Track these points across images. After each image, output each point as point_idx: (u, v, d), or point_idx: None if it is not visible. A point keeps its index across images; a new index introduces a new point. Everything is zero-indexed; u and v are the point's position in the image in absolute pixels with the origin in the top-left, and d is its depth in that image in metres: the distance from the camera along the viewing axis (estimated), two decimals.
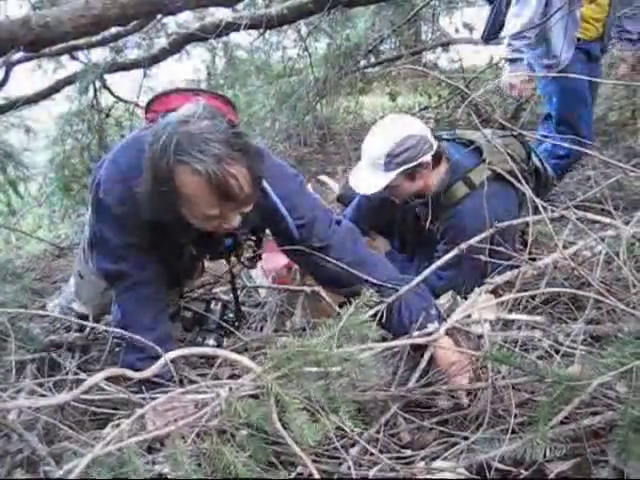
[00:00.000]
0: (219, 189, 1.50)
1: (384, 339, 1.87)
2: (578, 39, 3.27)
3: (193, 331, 2.29)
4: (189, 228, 1.68)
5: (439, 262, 1.92)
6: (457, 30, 6.84)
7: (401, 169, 2.27)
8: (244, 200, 1.58)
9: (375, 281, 1.82)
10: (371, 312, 1.43)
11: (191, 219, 1.62)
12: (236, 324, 2.25)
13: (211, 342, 2.19)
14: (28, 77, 5.07)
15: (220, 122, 1.53)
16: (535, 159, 2.54)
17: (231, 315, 2.24)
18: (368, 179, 2.34)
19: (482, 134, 2.38)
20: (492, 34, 3.57)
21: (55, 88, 5.05)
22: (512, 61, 3.21)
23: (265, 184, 1.75)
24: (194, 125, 1.50)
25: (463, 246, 1.92)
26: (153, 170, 1.53)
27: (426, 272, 1.87)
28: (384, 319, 1.69)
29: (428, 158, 2.28)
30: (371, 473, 1.32)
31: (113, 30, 4.07)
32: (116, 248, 1.83)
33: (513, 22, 3.16)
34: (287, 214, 1.81)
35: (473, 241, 1.92)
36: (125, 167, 1.72)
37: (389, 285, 1.82)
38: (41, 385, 2.03)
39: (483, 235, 1.94)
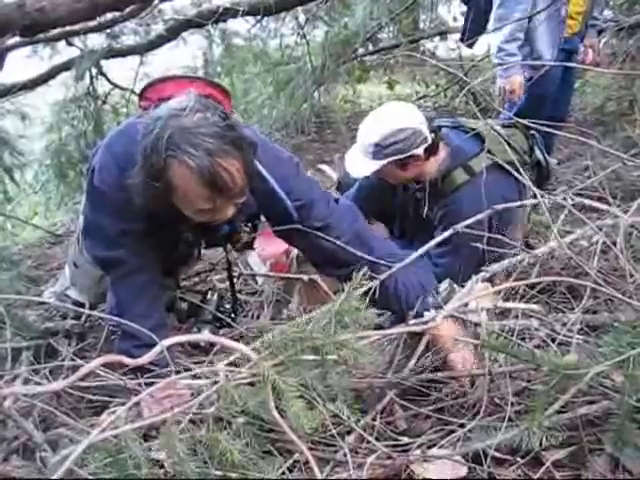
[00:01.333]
0: (211, 183, 1.50)
1: (380, 327, 1.88)
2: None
3: (187, 322, 2.29)
4: (184, 217, 1.67)
5: (433, 242, 1.93)
6: (455, 19, 6.81)
7: (389, 159, 2.28)
8: (237, 193, 1.58)
9: (374, 259, 1.81)
10: (363, 290, 1.42)
11: (184, 211, 1.62)
12: (232, 315, 2.25)
13: (206, 332, 2.17)
14: (23, 63, 5.04)
15: (212, 114, 1.52)
16: (538, 152, 2.53)
17: (227, 306, 2.24)
18: (359, 163, 2.36)
19: (484, 123, 2.38)
20: (473, 34, 3.53)
21: (51, 74, 5.02)
22: (504, 65, 3.20)
23: (262, 169, 1.74)
24: (186, 119, 1.49)
25: (459, 227, 1.93)
26: (145, 164, 1.53)
27: (420, 251, 1.87)
28: (378, 295, 1.67)
29: (420, 151, 2.28)
30: (368, 461, 1.32)
31: (109, 16, 4.04)
32: (111, 235, 1.82)
33: (502, 24, 3.13)
34: (285, 196, 1.80)
35: (469, 222, 1.93)
36: (120, 155, 1.71)
37: (390, 261, 1.81)
38: (37, 372, 2.03)
39: (480, 216, 1.95)
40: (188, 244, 2.01)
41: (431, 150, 2.33)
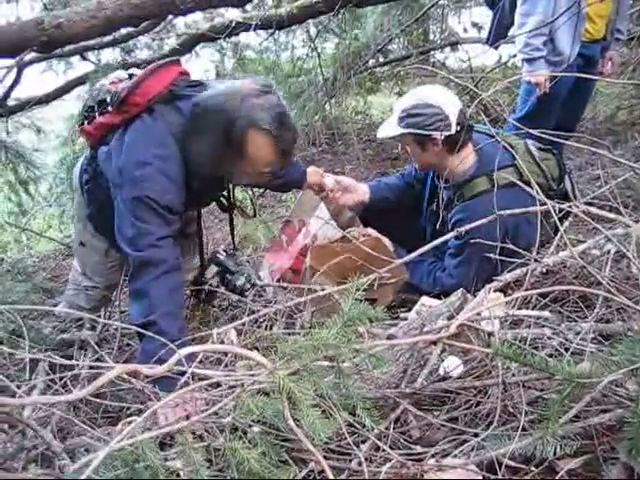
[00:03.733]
0: (283, 150, 1.93)
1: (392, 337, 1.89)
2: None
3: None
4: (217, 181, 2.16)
5: (435, 242, 1.99)
6: (465, 30, 6.84)
7: (408, 130, 2.36)
8: (289, 156, 2.02)
9: None
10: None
11: (242, 173, 2.02)
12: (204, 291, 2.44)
13: (242, 281, 2.36)
14: (39, 78, 5.10)
15: (272, 96, 1.91)
16: (568, 184, 2.53)
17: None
18: (387, 126, 2.46)
19: (523, 142, 2.45)
20: (498, 37, 3.58)
21: (66, 89, 5.08)
22: (532, 60, 3.22)
23: None
24: (260, 98, 1.88)
25: (462, 229, 1.96)
26: (225, 133, 1.87)
27: (414, 254, 2.05)
28: None
29: (438, 136, 2.31)
30: (383, 469, 1.32)
31: (124, 31, 4.10)
32: (153, 237, 1.92)
33: (527, 20, 3.16)
34: None
35: (474, 225, 1.98)
36: (156, 143, 1.95)
37: None
38: (54, 382, 2.06)
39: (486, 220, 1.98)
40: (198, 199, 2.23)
41: (453, 144, 2.35)
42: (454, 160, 2.40)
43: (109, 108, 2.05)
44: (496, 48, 3.86)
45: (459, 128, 2.32)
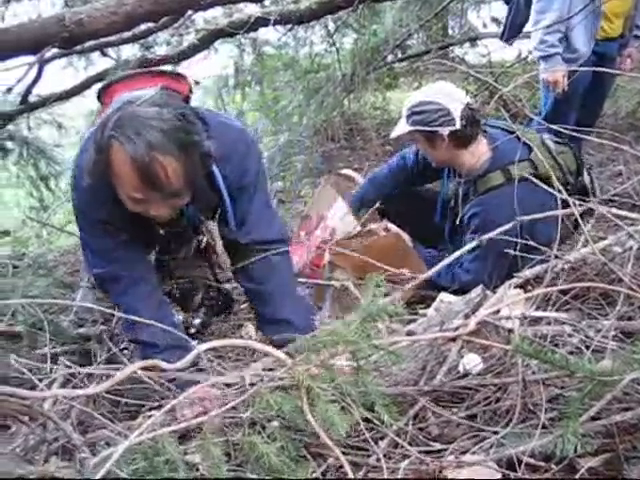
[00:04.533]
0: (143, 175, 1.52)
1: (411, 333, 1.88)
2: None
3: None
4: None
5: (456, 253, 1.97)
6: (485, 25, 6.78)
7: (415, 128, 2.39)
8: (171, 193, 1.60)
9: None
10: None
11: (121, 197, 1.63)
12: (220, 302, 2.37)
13: (196, 321, 2.31)
14: (59, 74, 5.14)
15: (169, 112, 1.54)
16: (586, 178, 2.52)
17: (212, 294, 2.35)
18: (398, 125, 2.50)
19: (539, 136, 2.45)
20: (512, 34, 3.56)
21: (86, 85, 5.11)
22: (548, 57, 3.19)
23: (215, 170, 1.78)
24: (140, 108, 1.53)
25: (484, 238, 1.95)
26: (95, 138, 1.57)
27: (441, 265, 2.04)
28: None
29: (444, 131, 2.34)
30: (402, 466, 1.32)
31: (143, 27, 4.12)
32: (101, 251, 1.87)
33: (543, 17, 3.14)
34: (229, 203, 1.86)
35: (495, 233, 1.96)
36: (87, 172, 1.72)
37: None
38: (74, 376, 2.07)
39: (507, 226, 1.96)
40: (161, 235, 2.01)
41: (460, 139, 2.37)
42: (467, 155, 2.42)
43: None
44: (510, 44, 3.84)
45: (464, 123, 2.34)
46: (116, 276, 1.87)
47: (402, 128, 2.45)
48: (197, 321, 2.28)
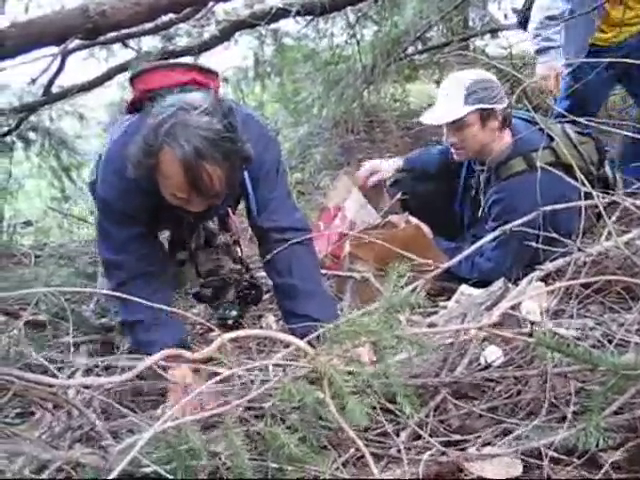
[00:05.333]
0: (191, 180, 1.63)
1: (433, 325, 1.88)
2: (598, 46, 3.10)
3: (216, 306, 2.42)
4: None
5: (478, 243, 1.97)
6: (506, 16, 6.70)
7: (479, 106, 2.35)
8: (212, 197, 1.72)
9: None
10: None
11: (162, 191, 1.73)
12: (252, 293, 2.41)
13: (234, 313, 2.34)
14: (81, 66, 5.17)
15: (219, 121, 1.64)
16: (608, 169, 2.50)
17: (246, 284, 2.40)
18: (445, 110, 2.42)
19: (561, 127, 2.46)
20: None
21: (107, 76, 5.13)
22: (542, 51, 3.06)
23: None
24: (192, 116, 1.61)
25: (508, 227, 1.94)
26: (145, 141, 1.64)
27: (468, 251, 2.03)
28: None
29: (501, 107, 2.36)
30: (424, 457, 1.32)
31: (165, 18, 4.12)
32: (117, 241, 1.92)
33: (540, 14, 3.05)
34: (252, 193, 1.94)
35: (517, 223, 1.95)
36: (118, 165, 1.79)
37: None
38: (96, 365, 2.10)
39: (529, 217, 1.95)
40: (188, 225, 2.15)
41: (506, 118, 2.41)
42: (498, 141, 2.43)
43: None
44: (525, 29, 3.70)
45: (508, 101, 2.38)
46: (123, 265, 1.92)
47: (457, 112, 2.38)
48: (234, 313, 2.33)
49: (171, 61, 2.09)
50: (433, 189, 2.82)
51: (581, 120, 2.24)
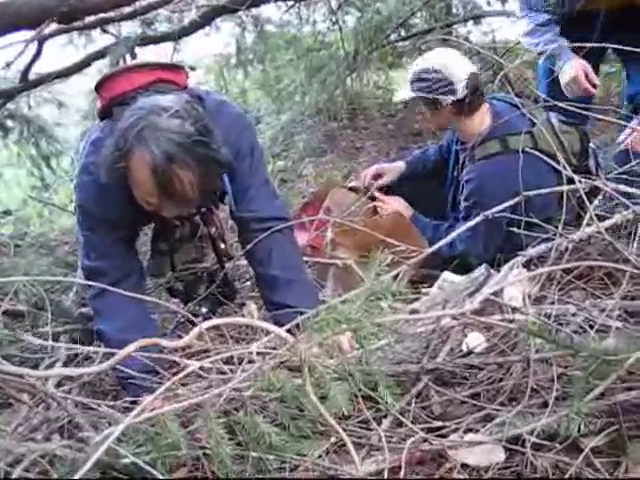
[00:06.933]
0: (161, 185, 1.56)
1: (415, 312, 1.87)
2: None
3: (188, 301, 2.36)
4: None
5: (454, 234, 2.01)
6: (489, 2, 6.70)
7: (419, 94, 2.42)
8: (185, 203, 1.67)
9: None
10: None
11: (136, 197, 1.67)
12: (225, 290, 2.35)
13: (204, 310, 2.30)
14: (59, 52, 5.09)
15: (191, 125, 1.58)
16: (592, 162, 2.49)
17: (218, 282, 2.31)
18: (402, 90, 2.61)
19: (546, 114, 2.45)
20: None
21: (86, 62, 5.05)
22: (551, 56, 2.67)
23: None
24: (164, 120, 1.55)
25: (488, 213, 1.95)
26: (115, 143, 1.59)
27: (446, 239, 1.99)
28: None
29: (447, 100, 2.37)
30: (407, 444, 1.32)
31: (144, 3, 4.07)
32: (96, 247, 1.88)
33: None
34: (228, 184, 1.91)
35: (492, 212, 1.95)
36: (94, 172, 1.73)
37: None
38: (76, 355, 2.08)
39: (507, 204, 1.95)
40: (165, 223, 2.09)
41: (462, 107, 2.39)
42: (467, 122, 2.44)
43: None
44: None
45: (468, 92, 2.35)
46: (103, 271, 1.87)
47: (406, 93, 2.50)
48: (204, 310, 2.29)
49: (131, 63, 2.00)
50: (427, 178, 2.85)
51: (561, 105, 2.21)
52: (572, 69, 2.56)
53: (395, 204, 2.64)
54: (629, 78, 2.90)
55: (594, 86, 2.60)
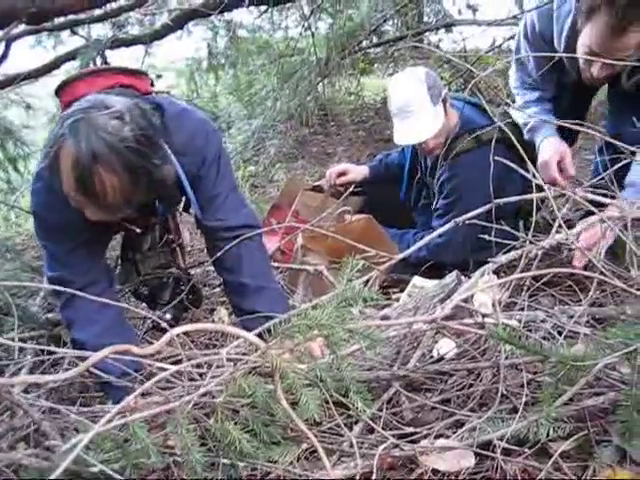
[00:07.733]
0: (80, 181, 1.50)
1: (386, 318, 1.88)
2: None
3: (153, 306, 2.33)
4: None
5: (434, 234, 2.03)
6: (460, 11, 6.77)
7: (441, 98, 2.40)
8: (104, 207, 1.57)
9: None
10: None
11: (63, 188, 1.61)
12: (190, 297, 2.29)
13: (168, 316, 2.23)
14: (27, 53, 5.02)
15: (131, 131, 1.52)
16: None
17: (183, 288, 2.27)
18: (421, 122, 2.41)
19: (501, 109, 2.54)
20: None
21: (55, 64, 4.98)
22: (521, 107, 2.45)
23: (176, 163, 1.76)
24: (102, 117, 1.51)
25: (460, 219, 1.96)
26: (55, 129, 1.56)
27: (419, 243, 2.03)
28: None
29: (446, 94, 2.43)
30: (378, 450, 1.32)
31: (115, 5, 4.02)
32: (56, 255, 1.84)
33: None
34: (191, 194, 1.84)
35: (471, 215, 1.96)
36: (47, 176, 1.69)
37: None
38: (43, 362, 2.04)
39: (483, 209, 1.97)
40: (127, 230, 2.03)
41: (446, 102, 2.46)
42: (446, 125, 2.47)
43: None
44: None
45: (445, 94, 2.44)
46: (67, 280, 1.82)
47: (439, 112, 2.41)
48: (168, 316, 2.23)
49: (94, 67, 1.99)
50: (390, 182, 2.86)
51: (527, 112, 2.27)
52: (546, 152, 2.29)
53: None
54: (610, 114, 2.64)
55: (567, 177, 2.28)
